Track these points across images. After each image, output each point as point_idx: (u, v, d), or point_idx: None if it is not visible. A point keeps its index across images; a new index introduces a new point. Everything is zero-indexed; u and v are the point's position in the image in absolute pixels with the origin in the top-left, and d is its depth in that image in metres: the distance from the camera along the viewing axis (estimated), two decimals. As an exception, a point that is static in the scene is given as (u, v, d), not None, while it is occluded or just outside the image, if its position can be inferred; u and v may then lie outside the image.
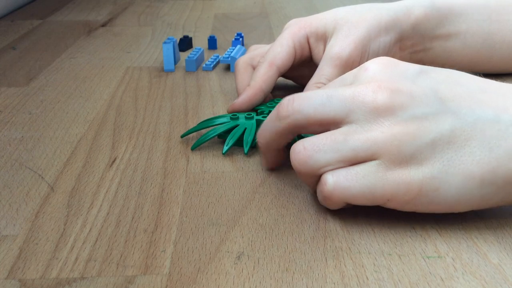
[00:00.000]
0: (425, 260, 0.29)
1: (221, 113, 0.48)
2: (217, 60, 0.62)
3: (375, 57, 0.39)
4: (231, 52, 0.60)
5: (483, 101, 0.30)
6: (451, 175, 0.29)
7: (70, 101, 0.51)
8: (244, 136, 0.40)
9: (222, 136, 0.42)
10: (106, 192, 0.36)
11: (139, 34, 0.76)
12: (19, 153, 0.41)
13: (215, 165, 0.39)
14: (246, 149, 0.40)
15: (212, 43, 0.68)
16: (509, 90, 0.31)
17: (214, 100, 0.51)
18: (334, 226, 0.32)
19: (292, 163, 0.32)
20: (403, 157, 0.29)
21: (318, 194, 0.32)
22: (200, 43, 0.71)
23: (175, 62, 0.61)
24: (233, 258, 0.29)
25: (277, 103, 0.45)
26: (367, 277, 0.27)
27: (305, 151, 0.31)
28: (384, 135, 0.29)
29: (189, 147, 0.42)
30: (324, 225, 0.32)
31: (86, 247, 0.30)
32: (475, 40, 0.50)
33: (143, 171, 0.38)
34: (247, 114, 0.43)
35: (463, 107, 0.30)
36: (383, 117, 0.30)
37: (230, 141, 0.40)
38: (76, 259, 0.29)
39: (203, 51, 0.63)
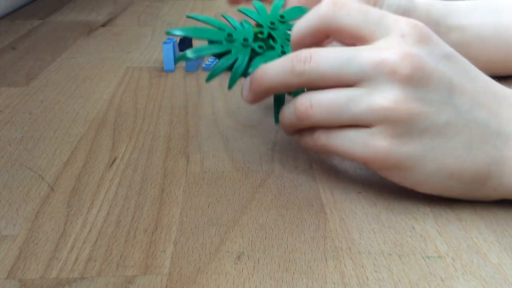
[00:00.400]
0: (425, 260, 0.29)
1: (221, 112, 0.48)
2: (217, 60, 0.62)
3: None
4: (231, 52, 0.60)
5: (481, 103, 0.32)
6: (428, 161, 0.31)
7: (70, 101, 0.51)
8: (233, 68, 0.37)
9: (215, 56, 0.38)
10: (106, 192, 0.36)
11: (139, 34, 0.76)
12: (19, 153, 0.41)
13: (215, 165, 0.39)
14: (230, 85, 0.37)
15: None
16: (508, 98, 0.33)
17: (214, 100, 0.51)
18: (334, 226, 0.32)
19: (293, 113, 0.34)
20: (395, 132, 0.31)
21: (299, 137, 0.35)
22: (200, 43, 0.71)
23: (175, 62, 0.61)
24: (233, 258, 0.29)
25: (284, 24, 0.41)
26: (367, 277, 0.27)
27: (312, 109, 0.33)
28: (386, 107, 0.30)
29: (189, 147, 0.42)
30: (324, 225, 0.32)
31: (86, 247, 0.30)
32: (491, 34, 0.49)
33: (143, 171, 0.38)
34: (243, 39, 0.38)
35: (464, 104, 0.31)
36: (394, 86, 0.30)
37: (216, 71, 0.37)
38: (76, 259, 0.29)
39: (203, 51, 0.63)
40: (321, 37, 0.35)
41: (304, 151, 0.41)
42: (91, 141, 0.43)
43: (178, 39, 0.68)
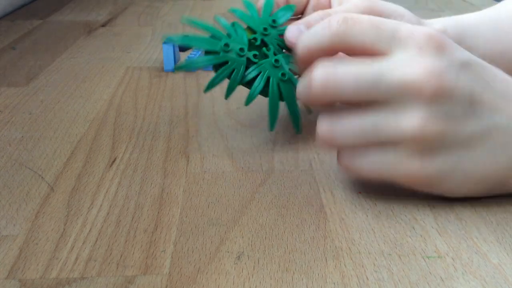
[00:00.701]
0: (425, 260, 0.29)
1: (221, 112, 0.48)
2: (217, 60, 0.62)
3: None
4: (231, 52, 0.60)
5: (500, 108, 0.32)
6: (456, 172, 0.31)
7: (70, 101, 0.51)
8: (231, 79, 0.38)
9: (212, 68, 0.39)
10: (106, 192, 0.36)
11: (139, 34, 0.76)
12: (19, 153, 0.41)
13: (215, 165, 0.39)
14: (227, 95, 0.38)
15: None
16: None
17: (214, 100, 0.51)
18: (334, 226, 0.32)
19: (317, 137, 0.33)
20: (423, 151, 0.31)
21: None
22: (200, 43, 0.71)
23: (175, 62, 0.61)
24: (233, 258, 0.29)
25: (275, 28, 0.42)
26: (367, 277, 0.27)
27: (332, 132, 0.32)
28: (413, 127, 0.30)
29: (189, 147, 0.42)
30: (324, 225, 0.32)
31: (86, 247, 0.30)
32: (494, 50, 0.49)
33: (143, 171, 0.38)
34: (239, 49, 0.39)
35: (484, 112, 0.31)
36: (420, 106, 0.30)
37: (214, 82, 0.38)
38: (76, 259, 0.29)
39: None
40: (332, 54, 0.33)
41: (304, 151, 0.41)
42: (91, 141, 0.43)
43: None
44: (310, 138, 0.43)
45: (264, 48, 0.40)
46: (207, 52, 0.39)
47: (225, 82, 0.39)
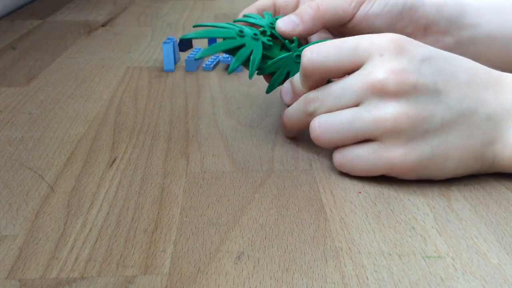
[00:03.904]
0: (425, 260, 0.29)
1: (221, 112, 0.48)
2: (217, 60, 0.62)
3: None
4: (231, 52, 0.60)
5: (468, 95, 0.35)
6: (437, 157, 0.34)
7: (70, 101, 0.51)
8: (251, 59, 0.41)
9: (227, 52, 0.42)
10: (106, 192, 0.36)
11: (139, 34, 0.76)
12: (19, 153, 0.41)
13: (215, 165, 0.39)
14: (251, 74, 0.41)
15: (212, 43, 0.68)
16: (492, 81, 0.36)
17: (214, 100, 0.51)
18: (334, 226, 0.32)
19: (311, 136, 0.37)
20: (400, 139, 0.34)
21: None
22: (200, 43, 0.71)
23: (175, 62, 0.61)
24: (233, 258, 0.29)
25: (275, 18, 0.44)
26: (367, 277, 0.27)
27: (319, 129, 0.36)
28: (386, 118, 0.33)
29: (189, 147, 0.42)
30: (324, 225, 0.32)
31: (86, 247, 0.30)
32: (500, 32, 0.49)
33: (143, 171, 0.38)
34: (253, 34, 0.42)
35: (452, 100, 0.34)
36: (387, 101, 0.34)
37: (236, 62, 0.40)
38: (76, 259, 0.29)
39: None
40: (319, 81, 0.38)
41: (304, 151, 0.41)
42: (91, 141, 0.43)
43: (178, 39, 0.68)
44: (310, 138, 0.43)
45: (286, 41, 0.43)
46: (224, 39, 0.41)
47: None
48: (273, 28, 0.43)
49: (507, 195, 0.34)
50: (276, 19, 0.44)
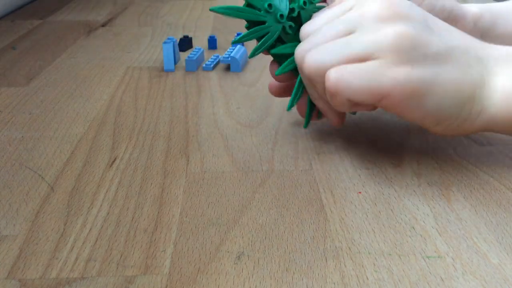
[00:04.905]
0: (425, 260, 0.29)
1: (221, 112, 0.48)
2: (217, 60, 0.62)
3: None
4: (231, 52, 0.60)
5: (456, 37, 0.36)
6: (436, 85, 0.34)
7: (70, 101, 0.51)
8: (263, 39, 0.40)
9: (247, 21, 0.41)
10: (106, 192, 0.36)
11: (139, 34, 0.76)
12: (19, 153, 0.41)
13: (215, 165, 0.39)
14: (252, 53, 0.40)
15: (212, 43, 0.68)
16: (477, 41, 0.37)
17: (214, 100, 0.51)
18: (334, 226, 0.32)
19: (303, 71, 0.37)
20: (402, 57, 0.34)
21: (326, 94, 0.36)
22: (200, 43, 0.71)
23: (175, 62, 0.61)
24: (233, 258, 0.29)
25: (312, 5, 0.43)
26: (367, 277, 0.27)
27: (313, 55, 0.36)
28: (386, 36, 0.34)
29: (189, 147, 0.42)
30: (324, 225, 0.32)
31: (86, 247, 0.30)
32: None
33: (143, 171, 0.38)
34: (279, 15, 0.40)
35: (443, 36, 0.35)
36: (385, 23, 0.34)
37: (248, 36, 0.39)
38: (76, 259, 0.29)
39: (203, 51, 0.63)
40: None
41: (304, 151, 0.41)
42: (91, 141, 0.43)
43: (178, 39, 0.68)
44: (310, 138, 0.43)
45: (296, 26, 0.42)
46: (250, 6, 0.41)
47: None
48: (303, 8, 0.42)
49: (507, 195, 0.34)
50: None
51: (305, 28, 0.39)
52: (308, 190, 0.35)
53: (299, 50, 0.37)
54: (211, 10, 0.40)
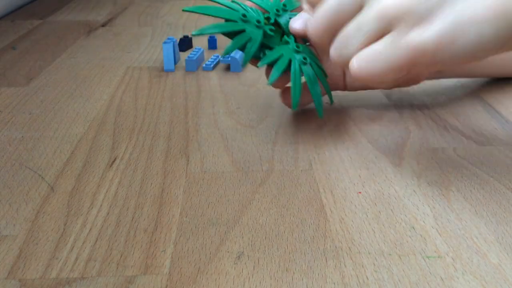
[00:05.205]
0: (425, 260, 0.29)
1: (221, 112, 0.48)
2: (217, 60, 0.62)
3: None
4: (231, 52, 0.60)
5: None
6: (465, 24, 0.30)
7: (70, 101, 0.51)
8: (247, 47, 0.40)
9: (226, 35, 0.41)
10: (106, 192, 0.36)
11: (139, 34, 0.76)
12: (19, 153, 0.41)
13: (215, 165, 0.39)
14: (244, 62, 0.40)
15: (212, 43, 0.68)
16: None
17: (214, 100, 0.51)
18: (334, 226, 0.32)
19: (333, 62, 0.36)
20: (414, 20, 0.31)
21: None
22: (200, 43, 0.71)
23: (175, 62, 0.61)
24: (233, 258, 0.29)
25: (287, 12, 0.44)
26: (367, 277, 0.27)
27: (335, 50, 0.35)
28: (387, 6, 0.32)
29: (189, 147, 0.42)
30: (324, 225, 0.32)
31: (86, 247, 0.30)
32: None
33: (143, 171, 0.38)
34: (257, 21, 0.41)
35: None
36: None
37: (232, 47, 0.39)
38: (76, 259, 0.29)
39: (203, 51, 0.63)
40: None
41: (304, 151, 0.41)
42: (91, 141, 0.43)
43: (178, 39, 0.68)
44: (310, 138, 0.43)
45: (285, 36, 0.42)
46: (226, 21, 0.41)
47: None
48: (279, 15, 0.43)
49: (507, 195, 0.34)
50: (283, 4, 0.44)
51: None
52: (308, 190, 0.35)
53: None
54: (184, 10, 0.40)
